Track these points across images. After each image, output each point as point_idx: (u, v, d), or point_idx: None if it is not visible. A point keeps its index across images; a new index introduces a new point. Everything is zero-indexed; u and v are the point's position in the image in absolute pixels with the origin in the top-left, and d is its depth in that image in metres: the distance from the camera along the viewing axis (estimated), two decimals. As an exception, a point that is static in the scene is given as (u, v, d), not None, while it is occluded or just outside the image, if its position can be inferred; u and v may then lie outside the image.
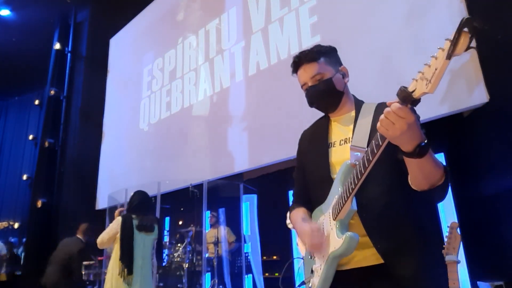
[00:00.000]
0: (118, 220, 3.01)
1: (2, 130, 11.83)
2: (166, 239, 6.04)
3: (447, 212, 3.01)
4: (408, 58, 3.08)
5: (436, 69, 0.80)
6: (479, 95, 2.69)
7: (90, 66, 8.27)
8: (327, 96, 1.36)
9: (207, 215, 5.11)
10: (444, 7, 2.95)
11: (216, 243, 4.93)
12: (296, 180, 1.51)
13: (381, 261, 1.15)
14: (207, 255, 4.83)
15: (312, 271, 1.25)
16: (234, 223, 5.32)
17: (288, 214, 2.80)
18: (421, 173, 1.07)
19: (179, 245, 5.11)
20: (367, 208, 1.18)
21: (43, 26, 8.84)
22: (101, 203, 6.93)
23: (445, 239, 1.83)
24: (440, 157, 3.15)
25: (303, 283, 1.28)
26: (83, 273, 5.58)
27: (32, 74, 9.79)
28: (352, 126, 1.31)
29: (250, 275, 5.09)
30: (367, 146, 1.09)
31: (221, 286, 4.94)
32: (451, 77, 2.83)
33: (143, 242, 2.90)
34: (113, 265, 2.89)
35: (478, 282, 2.59)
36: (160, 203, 4.90)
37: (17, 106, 11.72)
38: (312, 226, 1.23)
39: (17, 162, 10.80)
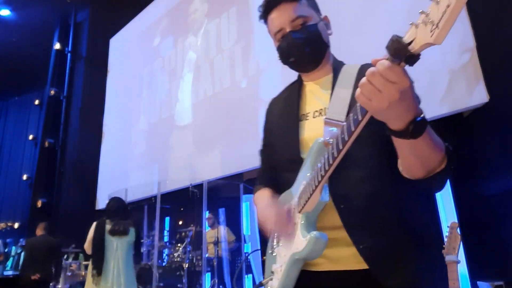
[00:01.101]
0: (93, 225, 3.22)
1: (2, 130, 11.83)
2: (166, 239, 6.05)
3: (447, 212, 3.01)
4: (408, 58, 3.08)
5: (448, 6, 0.53)
6: (479, 95, 2.69)
7: (90, 66, 8.28)
8: (312, 47, 1.05)
9: (207, 215, 5.11)
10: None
11: (216, 243, 4.94)
12: (263, 159, 1.27)
13: (364, 266, 0.90)
14: (207, 255, 4.83)
15: (272, 272, 1.03)
16: (234, 223, 5.32)
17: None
18: (415, 158, 0.79)
19: (179, 245, 5.12)
20: (346, 199, 0.93)
21: (43, 26, 8.85)
22: (101, 203, 6.93)
23: (445, 239, 1.83)
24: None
25: (260, 284, 1.08)
26: (82, 273, 5.60)
27: (32, 74, 9.80)
28: (329, 95, 1.03)
29: (250, 275, 5.09)
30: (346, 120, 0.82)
31: (221, 286, 4.94)
32: (451, 77, 2.84)
33: (116, 245, 3.05)
34: (90, 267, 3.14)
35: (478, 282, 2.59)
36: (160, 203, 4.90)
37: (17, 106, 11.73)
38: (279, 210, 0.99)
39: (17, 162, 10.81)
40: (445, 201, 3.04)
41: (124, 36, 7.87)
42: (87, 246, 3.23)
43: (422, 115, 0.72)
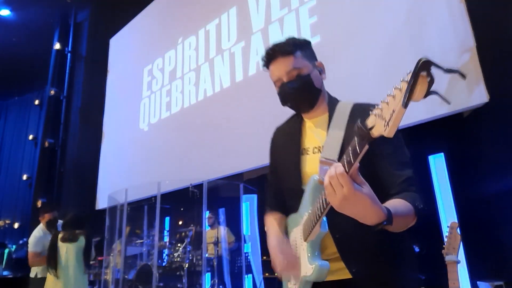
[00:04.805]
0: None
1: (2, 130, 11.82)
2: (166, 239, 6.05)
3: (447, 212, 3.02)
4: (407, 58, 3.08)
5: (393, 111, 0.70)
6: (479, 95, 2.69)
7: (90, 66, 8.27)
8: (304, 94, 1.23)
9: (207, 215, 5.11)
10: (444, 8, 2.95)
11: (216, 243, 4.93)
12: (270, 184, 1.43)
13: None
14: (207, 255, 4.83)
15: None
16: (234, 223, 5.31)
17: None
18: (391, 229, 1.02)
19: (179, 245, 5.11)
20: (340, 229, 1.12)
21: (43, 26, 8.84)
22: (101, 203, 6.93)
23: (445, 239, 1.84)
24: (440, 157, 3.15)
25: None
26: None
27: (32, 74, 9.79)
28: (325, 133, 1.21)
29: (250, 275, 5.09)
30: (338, 159, 1.01)
31: (221, 286, 4.93)
32: (451, 77, 2.83)
33: (66, 250, 3.66)
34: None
35: (478, 282, 2.59)
36: (160, 203, 4.90)
37: (17, 106, 11.71)
38: (285, 252, 1.17)
39: (17, 162, 10.79)
40: (445, 201, 3.04)
41: (124, 36, 7.87)
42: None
43: (385, 222, 0.90)
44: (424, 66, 0.65)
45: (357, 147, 0.81)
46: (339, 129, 1.16)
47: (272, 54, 1.25)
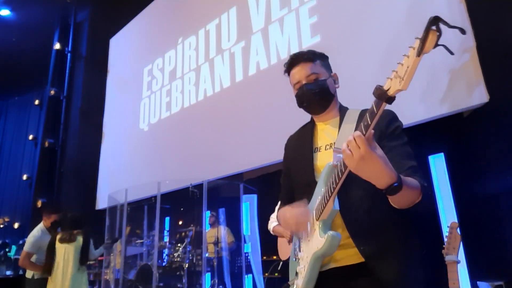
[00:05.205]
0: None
1: (2, 130, 11.82)
2: (166, 239, 6.05)
3: (447, 212, 3.01)
4: (408, 58, 3.08)
5: (408, 67, 0.84)
6: (479, 95, 2.69)
7: (90, 66, 8.27)
8: (320, 96, 1.37)
9: (207, 215, 5.11)
10: (444, 8, 2.95)
11: (216, 243, 4.93)
12: (283, 185, 1.54)
13: (360, 260, 1.18)
14: (207, 255, 4.83)
15: (296, 273, 1.28)
16: (234, 223, 5.31)
17: (270, 220, 2.83)
18: (396, 201, 1.10)
19: (179, 245, 5.11)
20: (350, 210, 1.20)
21: (43, 26, 8.84)
22: (101, 203, 6.93)
23: (445, 239, 1.84)
24: (440, 157, 3.15)
25: (287, 285, 1.33)
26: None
27: (32, 74, 9.78)
28: (336, 131, 1.34)
29: (250, 275, 5.09)
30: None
31: (221, 286, 4.93)
32: (451, 77, 2.84)
33: (64, 251, 3.70)
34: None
35: (478, 282, 2.59)
36: (160, 203, 4.90)
37: (17, 106, 11.71)
38: (299, 209, 1.26)
39: (17, 162, 10.79)
40: (445, 201, 3.04)
41: (124, 36, 7.87)
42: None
43: (397, 183, 1.00)
44: (434, 22, 0.78)
45: (375, 108, 0.92)
46: (350, 125, 1.28)
47: (295, 59, 1.41)
